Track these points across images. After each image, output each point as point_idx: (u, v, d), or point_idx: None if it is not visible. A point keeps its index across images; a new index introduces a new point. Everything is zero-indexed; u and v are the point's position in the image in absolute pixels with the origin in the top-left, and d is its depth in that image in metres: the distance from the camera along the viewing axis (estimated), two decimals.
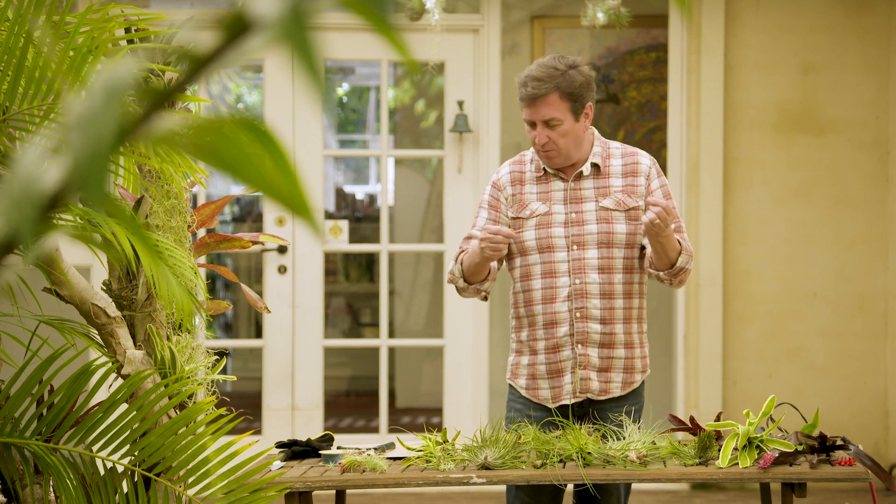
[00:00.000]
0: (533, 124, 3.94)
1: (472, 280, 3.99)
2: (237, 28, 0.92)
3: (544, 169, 4.00)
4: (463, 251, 4.00)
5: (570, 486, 3.86)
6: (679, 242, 3.90)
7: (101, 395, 5.49)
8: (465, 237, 4.05)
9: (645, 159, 4.02)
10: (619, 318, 3.97)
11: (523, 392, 4.03)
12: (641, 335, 4.06)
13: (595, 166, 3.99)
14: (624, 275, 3.97)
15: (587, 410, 3.97)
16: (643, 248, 3.99)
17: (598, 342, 3.95)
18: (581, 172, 3.98)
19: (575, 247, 3.94)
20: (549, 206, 3.99)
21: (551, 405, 3.97)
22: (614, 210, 3.96)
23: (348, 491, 4.40)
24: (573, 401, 3.95)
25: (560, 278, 3.95)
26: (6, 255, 0.96)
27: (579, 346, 3.95)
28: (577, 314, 3.94)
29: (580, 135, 3.96)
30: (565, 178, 3.99)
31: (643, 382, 4.09)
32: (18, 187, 0.92)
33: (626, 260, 3.97)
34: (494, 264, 4.01)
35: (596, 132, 4.05)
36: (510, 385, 4.08)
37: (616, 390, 3.98)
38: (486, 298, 4.12)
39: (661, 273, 3.92)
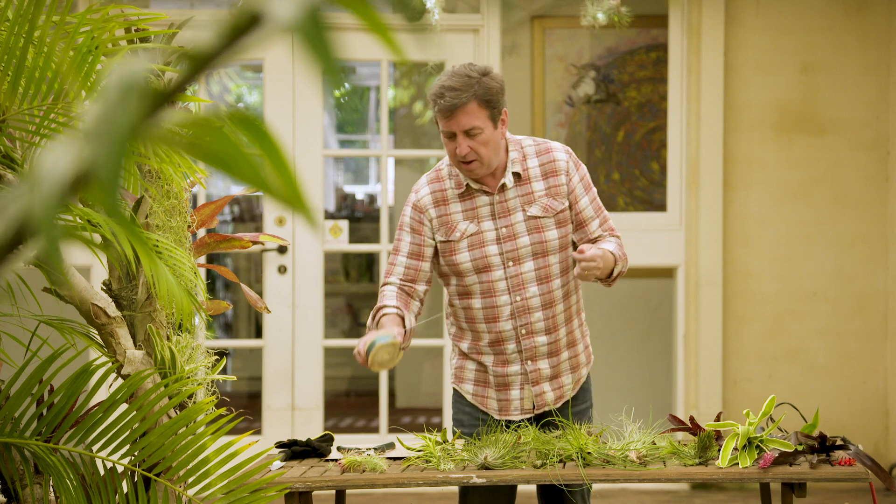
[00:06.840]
0: (452, 136, 3.78)
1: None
2: (243, 26, 0.92)
3: (466, 185, 3.87)
4: (380, 309, 3.80)
5: (532, 488, 3.82)
6: (612, 253, 3.82)
7: (101, 395, 5.51)
8: (390, 263, 3.92)
9: (560, 154, 3.90)
10: (562, 322, 3.92)
11: (470, 398, 3.98)
12: (581, 327, 4.01)
13: (516, 175, 3.87)
14: (561, 278, 3.89)
15: (540, 421, 3.92)
16: (575, 245, 3.91)
17: (546, 353, 3.91)
18: (504, 185, 3.85)
19: (511, 263, 3.85)
20: (477, 224, 3.87)
21: (498, 417, 3.93)
22: (543, 217, 3.86)
23: (348, 491, 4.40)
24: (524, 417, 3.92)
25: (500, 297, 3.86)
26: (13, 248, 0.95)
27: (529, 362, 3.90)
28: (523, 331, 3.88)
29: (499, 142, 3.82)
30: (490, 192, 3.87)
31: (589, 377, 4.05)
32: (38, 181, 0.92)
33: (561, 263, 3.89)
34: (410, 318, 3.83)
35: (507, 133, 3.91)
36: (455, 389, 4.02)
37: (569, 392, 3.94)
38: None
39: (600, 281, 3.86)
